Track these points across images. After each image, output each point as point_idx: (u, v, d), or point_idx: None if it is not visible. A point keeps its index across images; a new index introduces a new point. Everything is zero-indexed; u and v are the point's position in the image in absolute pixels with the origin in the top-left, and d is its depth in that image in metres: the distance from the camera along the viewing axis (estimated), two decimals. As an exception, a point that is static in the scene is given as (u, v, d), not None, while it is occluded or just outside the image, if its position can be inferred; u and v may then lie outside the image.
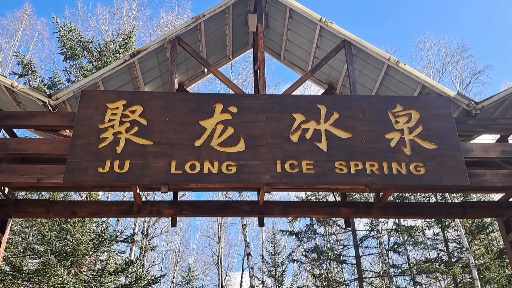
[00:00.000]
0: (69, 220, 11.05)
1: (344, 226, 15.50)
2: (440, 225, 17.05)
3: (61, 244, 10.67)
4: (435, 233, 17.89)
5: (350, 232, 19.16)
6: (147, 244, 18.75)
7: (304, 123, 5.27)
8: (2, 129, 5.57)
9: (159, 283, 20.98)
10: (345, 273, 21.38)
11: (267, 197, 7.18)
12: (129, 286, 11.55)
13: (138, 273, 12.54)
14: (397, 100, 5.55)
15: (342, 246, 20.14)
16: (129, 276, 13.20)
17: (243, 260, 24.82)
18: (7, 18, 28.92)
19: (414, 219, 18.25)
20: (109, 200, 14.33)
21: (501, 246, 15.15)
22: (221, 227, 26.52)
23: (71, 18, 27.06)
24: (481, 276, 14.34)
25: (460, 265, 15.59)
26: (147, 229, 19.53)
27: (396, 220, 18.51)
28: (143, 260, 18.97)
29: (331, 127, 5.26)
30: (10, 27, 23.76)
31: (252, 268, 18.00)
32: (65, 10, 29.39)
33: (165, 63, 6.55)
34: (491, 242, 16.09)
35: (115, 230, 13.75)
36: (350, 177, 4.92)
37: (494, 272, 13.07)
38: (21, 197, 10.87)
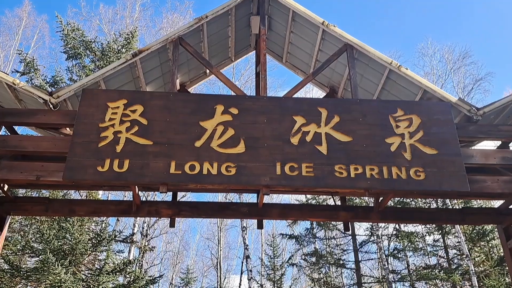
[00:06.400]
0: (68, 219, 11.06)
1: (343, 230, 15.45)
2: (440, 231, 16.98)
3: (59, 243, 10.68)
4: (435, 240, 17.83)
5: (350, 237, 19.09)
6: (146, 244, 18.73)
7: (305, 125, 5.26)
8: (3, 126, 5.58)
9: (157, 284, 20.97)
10: (344, 278, 21.31)
11: (267, 200, 7.15)
12: (127, 286, 11.54)
13: (136, 273, 12.52)
14: (398, 104, 5.54)
15: (341, 251, 20.05)
16: (127, 276, 13.18)
17: (242, 263, 24.75)
18: (7, 16, 29.00)
19: (415, 225, 18.18)
20: (108, 199, 14.35)
21: (501, 254, 15.08)
22: (220, 229, 26.47)
23: (74, 18, 27.14)
24: (481, 284, 14.27)
25: (459, 272, 15.51)
26: (146, 230, 19.51)
27: (396, 225, 18.45)
28: (142, 261, 18.94)
29: (331, 130, 5.25)
30: (11, 25, 23.82)
31: (251, 271, 17.92)
32: (68, 10, 29.52)
33: (167, 63, 6.55)
34: (491, 250, 16.02)
35: (114, 230, 13.76)
36: (349, 181, 4.91)
37: (494, 279, 13.01)
38: (21, 195, 10.89)
